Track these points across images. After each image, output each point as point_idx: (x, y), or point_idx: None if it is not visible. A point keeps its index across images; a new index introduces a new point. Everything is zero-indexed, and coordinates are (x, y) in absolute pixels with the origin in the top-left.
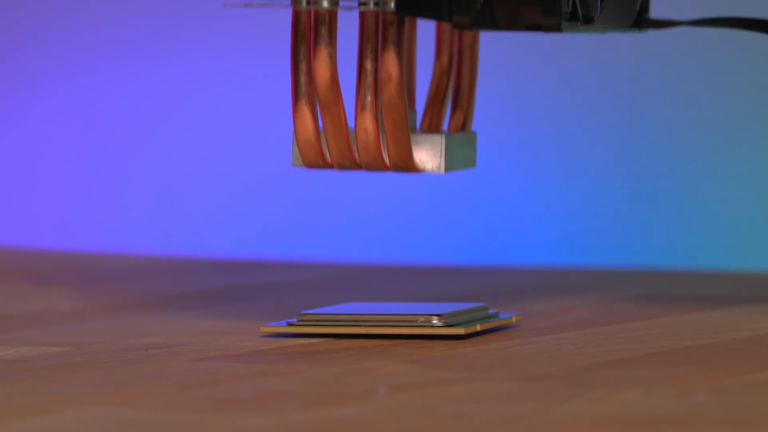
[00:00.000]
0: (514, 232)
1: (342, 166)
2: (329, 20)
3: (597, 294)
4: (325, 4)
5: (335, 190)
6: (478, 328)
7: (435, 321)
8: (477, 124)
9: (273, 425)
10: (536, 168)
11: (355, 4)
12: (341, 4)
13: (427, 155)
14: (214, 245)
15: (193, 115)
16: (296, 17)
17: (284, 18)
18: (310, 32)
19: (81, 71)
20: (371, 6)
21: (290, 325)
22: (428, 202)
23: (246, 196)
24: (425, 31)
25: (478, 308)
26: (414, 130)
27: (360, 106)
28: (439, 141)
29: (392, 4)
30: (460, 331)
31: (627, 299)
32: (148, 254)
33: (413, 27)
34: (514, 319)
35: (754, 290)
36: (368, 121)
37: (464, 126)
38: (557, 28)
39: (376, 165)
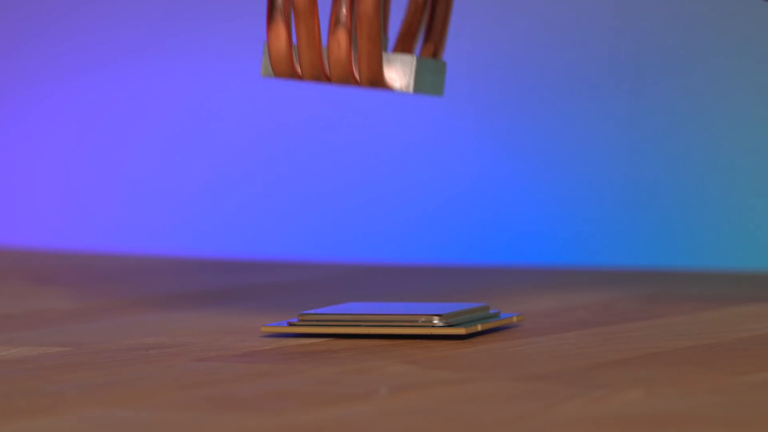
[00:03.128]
0: (514, 232)
1: (312, 77)
2: None
3: (597, 294)
4: None
5: (335, 190)
6: (479, 328)
7: (436, 321)
8: (478, 122)
9: (273, 425)
10: (536, 168)
11: None
12: None
13: (398, 74)
14: (214, 245)
15: (193, 115)
16: None
17: None
18: None
19: (81, 71)
20: None
21: (291, 325)
22: (429, 203)
23: (246, 196)
24: None
25: (478, 308)
26: (386, 51)
27: (334, 19)
28: (410, 61)
29: None
30: (461, 331)
31: (627, 299)
32: (148, 254)
33: None
34: (515, 319)
35: (754, 290)
36: (341, 35)
37: (434, 56)
38: None
39: (346, 78)
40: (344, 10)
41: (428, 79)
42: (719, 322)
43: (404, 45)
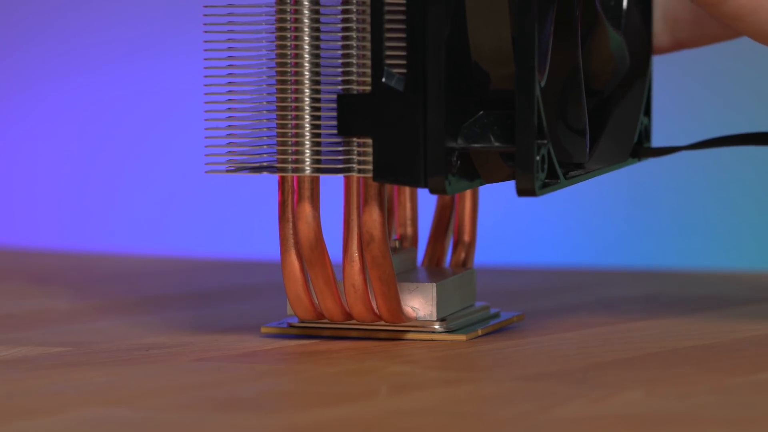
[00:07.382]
0: (514, 232)
1: (335, 319)
2: (312, 183)
3: (597, 294)
4: (308, 171)
5: (336, 190)
6: (480, 333)
7: (437, 327)
8: None
9: (273, 425)
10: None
11: (338, 168)
12: (324, 169)
13: (420, 303)
14: (215, 245)
15: (192, 115)
16: (281, 181)
17: None
18: (293, 194)
19: (81, 71)
20: (354, 172)
21: (291, 325)
22: (428, 203)
23: (246, 196)
24: None
25: (478, 308)
26: (415, 267)
27: (347, 261)
28: (431, 290)
29: (371, 173)
30: (462, 338)
31: (627, 299)
32: (148, 254)
33: None
34: (515, 319)
35: (754, 290)
36: (356, 277)
37: (465, 262)
38: (532, 193)
39: (367, 318)
40: (356, 254)
41: (455, 297)
42: (719, 323)
43: (435, 247)
